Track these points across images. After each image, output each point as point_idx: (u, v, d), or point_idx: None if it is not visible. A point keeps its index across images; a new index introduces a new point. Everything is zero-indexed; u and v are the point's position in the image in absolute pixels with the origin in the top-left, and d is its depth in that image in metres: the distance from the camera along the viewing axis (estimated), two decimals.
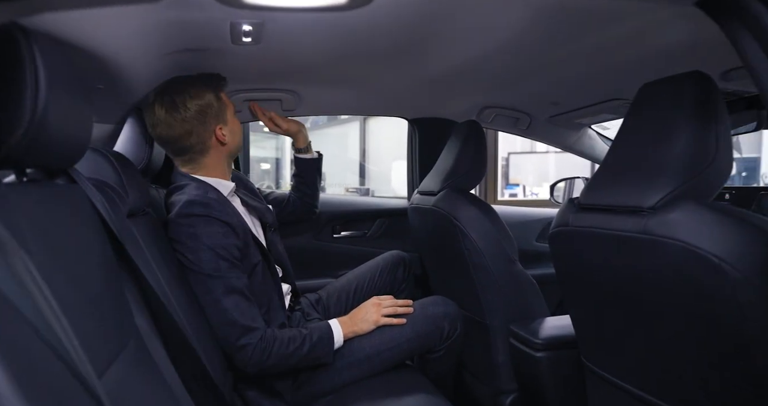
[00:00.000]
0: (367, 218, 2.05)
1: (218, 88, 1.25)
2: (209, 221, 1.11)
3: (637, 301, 0.88)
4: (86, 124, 0.74)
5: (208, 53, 1.19)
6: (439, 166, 1.64)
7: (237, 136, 1.31)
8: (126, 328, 0.78)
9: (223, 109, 1.25)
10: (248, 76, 1.42)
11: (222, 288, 1.10)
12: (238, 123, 1.32)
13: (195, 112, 1.19)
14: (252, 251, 1.21)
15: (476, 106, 1.88)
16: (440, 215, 1.50)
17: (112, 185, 0.91)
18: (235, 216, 1.18)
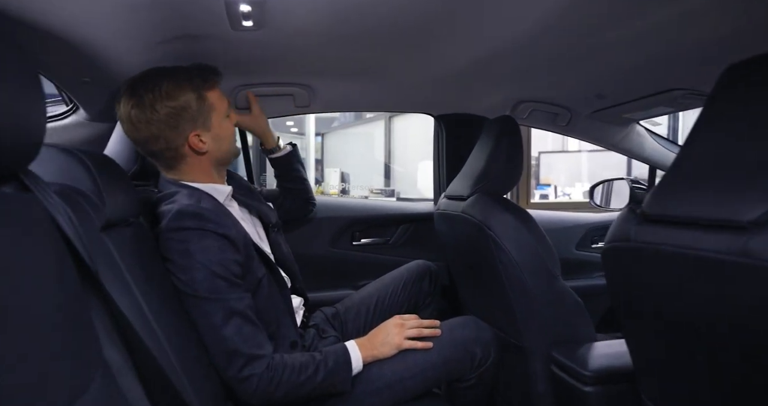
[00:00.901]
0: (389, 224, 1.90)
1: (205, 85, 1.06)
2: (203, 235, 0.96)
3: (723, 337, 0.69)
4: (37, 117, 0.61)
5: (205, 42, 1.06)
6: (469, 167, 1.47)
7: (225, 143, 1.12)
8: (91, 364, 0.64)
9: (205, 111, 1.06)
10: (254, 68, 1.28)
11: (221, 312, 0.96)
12: (229, 127, 1.13)
13: (164, 114, 1.01)
14: (255, 264, 1.07)
15: (510, 100, 1.70)
16: (470, 222, 1.32)
17: (84, 192, 0.78)
18: (233, 226, 1.03)
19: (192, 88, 1.04)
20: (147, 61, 1.05)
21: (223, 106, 1.10)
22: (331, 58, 1.27)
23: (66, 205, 0.71)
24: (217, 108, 1.09)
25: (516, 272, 1.23)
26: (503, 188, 1.39)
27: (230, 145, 1.15)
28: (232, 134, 1.15)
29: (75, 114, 1.29)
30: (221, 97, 1.11)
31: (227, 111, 1.12)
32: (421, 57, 1.29)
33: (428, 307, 1.46)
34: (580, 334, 1.23)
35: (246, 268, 1.04)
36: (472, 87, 1.59)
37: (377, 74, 1.43)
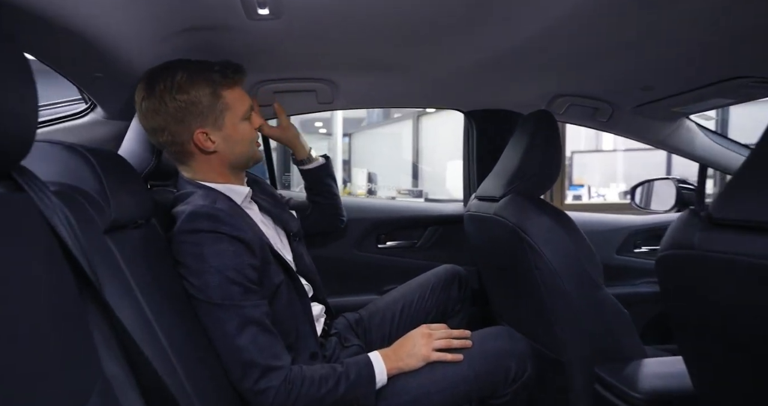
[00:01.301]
0: (417, 226, 1.81)
1: (223, 82, 0.99)
2: (217, 238, 0.91)
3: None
4: (28, 111, 0.55)
5: (220, 33, 1.00)
6: (502, 166, 1.37)
7: (238, 146, 1.04)
8: (88, 378, 0.59)
9: (218, 109, 0.99)
10: (274, 62, 1.22)
11: (235, 320, 0.90)
12: (246, 130, 1.05)
13: (172, 107, 0.96)
14: (273, 270, 1.01)
15: (546, 94, 1.59)
16: (504, 225, 1.23)
17: (87, 192, 0.73)
18: (249, 229, 0.97)
19: (207, 84, 0.98)
20: (158, 55, 1.00)
21: (242, 108, 1.03)
22: (355, 51, 1.20)
23: (65, 206, 0.66)
24: (234, 108, 1.02)
25: (554, 280, 1.13)
26: (539, 189, 1.28)
27: (245, 148, 1.06)
28: (249, 138, 1.06)
29: (93, 112, 1.26)
30: (242, 98, 1.04)
31: (246, 113, 1.04)
32: (451, 48, 1.20)
33: (457, 314, 1.37)
34: (626, 348, 1.12)
35: (263, 273, 0.98)
36: (505, 81, 1.49)
37: (404, 68, 1.35)
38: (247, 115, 1.05)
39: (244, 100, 1.05)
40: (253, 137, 1.08)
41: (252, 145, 1.08)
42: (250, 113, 1.06)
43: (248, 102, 1.06)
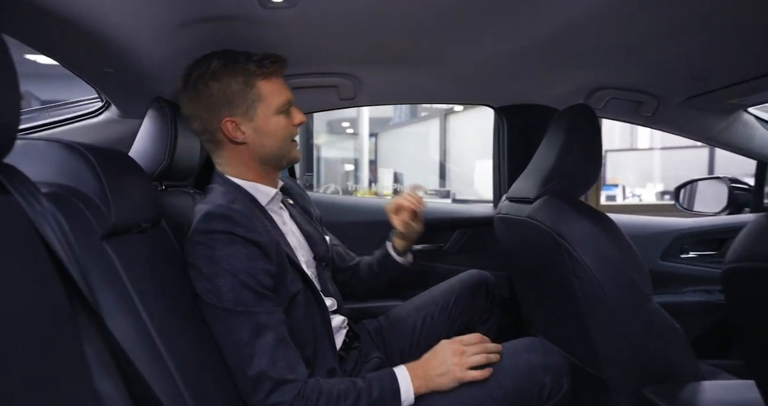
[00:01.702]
0: (444, 228, 1.72)
1: (258, 72, 0.94)
2: (231, 240, 0.86)
3: None
4: (9, 102, 0.50)
5: (233, 24, 0.94)
6: (536, 165, 1.26)
7: (270, 141, 0.98)
8: (78, 397, 0.54)
9: (250, 99, 0.95)
10: (292, 56, 1.15)
11: (248, 327, 0.84)
12: (280, 125, 0.98)
13: (204, 94, 0.94)
14: (290, 278, 0.94)
15: (583, 87, 1.47)
16: (538, 229, 1.13)
17: (85, 194, 0.68)
18: (265, 232, 0.91)
19: (241, 73, 0.94)
20: (169, 49, 0.95)
21: (277, 101, 0.97)
22: (378, 43, 1.12)
23: (58, 210, 0.60)
24: (267, 100, 0.96)
25: (595, 290, 1.02)
26: (577, 189, 1.18)
27: (277, 143, 0.99)
28: (283, 134, 0.99)
29: (108, 111, 1.23)
30: (279, 91, 0.98)
31: (282, 107, 0.98)
32: (480, 38, 1.11)
33: (484, 324, 1.27)
34: (680, 368, 1.00)
35: (278, 280, 0.91)
36: (539, 73, 1.39)
37: (431, 61, 1.26)
38: (283, 109, 0.98)
39: (281, 93, 0.98)
40: (288, 134, 1.01)
41: (285, 142, 1.01)
42: (287, 108, 0.99)
43: (286, 96, 0.99)
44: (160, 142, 1.04)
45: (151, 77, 1.03)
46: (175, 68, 0.99)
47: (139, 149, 1.04)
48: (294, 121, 1.01)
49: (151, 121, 1.04)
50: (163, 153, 1.04)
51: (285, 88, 1.00)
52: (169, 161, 1.04)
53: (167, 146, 1.04)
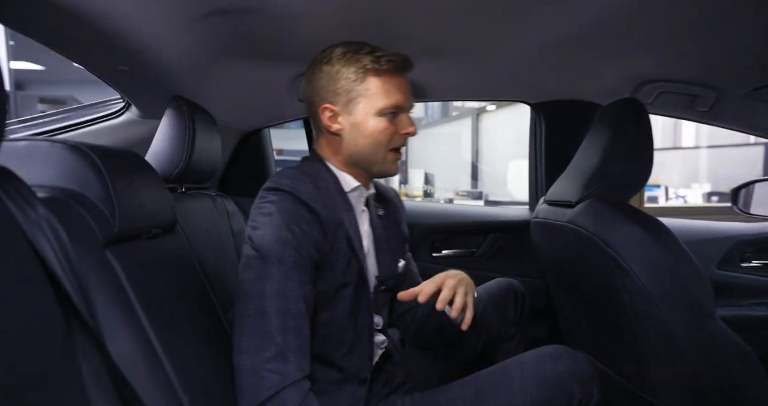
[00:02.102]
0: (476, 233, 1.63)
1: (372, 67, 0.87)
2: (295, 200, 0.83)
3: None
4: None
5: (251, 18, 0.89)
6: (578, 166, 1.16)
7: (363, 140, 0.90)
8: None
9: (354, 92, 0.88)
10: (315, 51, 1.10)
11: (275, 283, 0.79)
12: (379, 126, 0.89)
13: (316, 77, 0.91)
14: (345, 264, 0.87)
15: (630, 80, 1.36)
16: (581, 236, 1.03)
17: (87, 199, 0.63)
18: (332, 209, 0.86)
19: (355, 63, 0.88)
20: (183, 44, 0.90)
21: (385, 102, 0.88)
22: (399, 35, 1.05)
23: (55, 215, 0.56)
24: (372, 98, 0.88)
25: (648, 305, 0.91)
26: (624, 193, 1.07)
27: (369, 146, 0.90)
28: (378, 139, 0.90)
29: (128, 112, 1.20)
30: (389, 92, 0.89)
31: (386, 110, 0.89)
32: (515, 28, 1.03)
33: (511, 339, 1.15)
34: (752, 399, 0.88)
35: (328, 260, 0.86)
36: (581, 65, 1.28)
37: (458, 54, 1.18)
38: (388, 111, 0.89)
39: (391, 95, 0.89)
40: (386, 140, 0.91)
41: (380, 148, 0.91)
42: (393, 112, 0.90)
43: (396, 99, 0.89)
44: (178, 143, 0.99)
45: (167, 75, 1.00)
46: (191, 65, 0.95)
47: (156, 150, 1.00)
48: (399, 130, 0.92)
49: (169, 121, 1.00)
50: (180, 154, 1.00)
51: (398, 92, 0.90)
52: (186, 162, 1.00)
53: (185, 147, 1.00)
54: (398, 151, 0.94)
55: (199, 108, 1.05)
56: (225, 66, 1.11)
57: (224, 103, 1.23)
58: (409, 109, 0.93)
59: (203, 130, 1.04)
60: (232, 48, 1.03)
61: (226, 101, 1.23)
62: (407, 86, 0.92)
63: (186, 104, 1.01)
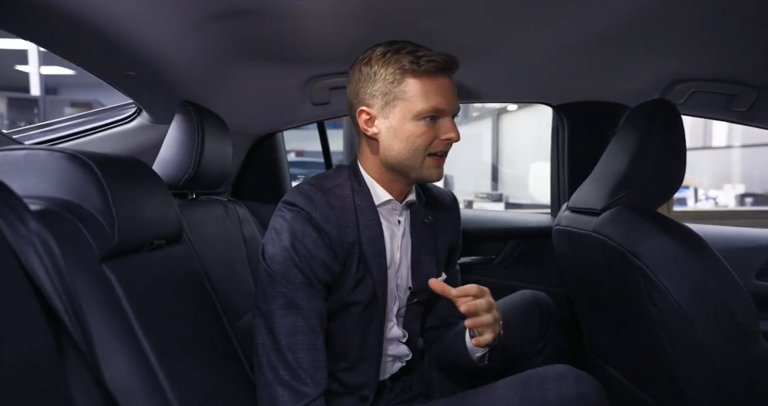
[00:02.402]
0: (495, 239, 1.57)
1: (411, 68, 0.83)
2: (306, 218, 0.82)
3: None
4: None
5: (258, 20, 0.86)
6: (603, 171, 1.10)
7: (399, 146, 0.86)
8: None
9: (392, 95, 0.84)
10: (327, 53, 1.07)
11: (282, 301, 0.80)
12: (416, 130, 0.84)
13: (356, 78, 0.87)
14: (350, 283, 0.85)
15: (660, 80, 1.28)
16: (607, 246, 0.96)
17: (85, 210, 0.61)
18: (344, 229, 0.84)
19: (393, 64, 0.83)
20: (189, 47, 0.88)
21: (419, 105, 0.84)
22: (422, 36, 1.00)
23: (47, 229, 0.53)
24: (411, 101, 0.84)
25: (681, 324, 0.85)
26: (654, 200, 1.00)
27: (408, 151, 0.86)
28: (415, 144, 0.85)
29: (140, 117, 1.19)
30: (428, 95, 0.84)
31: (424, 113, 0.84)
32: (538, 27, 0.98)
33: (536, 356, 1.08)
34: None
35: (338, 281, 0.85)
36: (607, 65, 1.22)
37: (478, 55, 1.13)
38: (426, 115, 0.84)
39: (430, 98, 0.84)
40: (424, 145, 0.86)
41: (418, 153, 0.86)
42: (432, 115, 0.85)
43: (435, 103, 0.84)
44: (187, 149, 0.97)
45: (176, 80, 0.97)
46: (198, 69, 0.92)
47: (164, 156, 0.98)
48: (440, 135, 0.86)
49: (177, 126, 0.98)
50: (189, 160, 0.97)
51: (439, 95, 0.85)
52: (195, 169, 0.98)
53: (194, 153, 0.97)
54: (440, 156, 0.88)
55: (209, 113, 1.03)
56: (236, 69, 1.08)
57: (236, 107, 1.21)
58: (452, 113, 0.87)
59: (213, 135, 1.02)
60: (244, 51, 1.00)
61: (238, 105, 1.21)
62: (451, 88, 0.86)
63: (195, 109, 0.98)
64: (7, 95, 7.72)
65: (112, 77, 0.96)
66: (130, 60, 0.87)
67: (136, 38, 0.80)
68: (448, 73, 0.86)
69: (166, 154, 0.98)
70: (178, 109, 0.98)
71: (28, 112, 7.20)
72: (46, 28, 0.77)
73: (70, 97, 8.45)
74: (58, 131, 1.20)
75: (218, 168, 1.08)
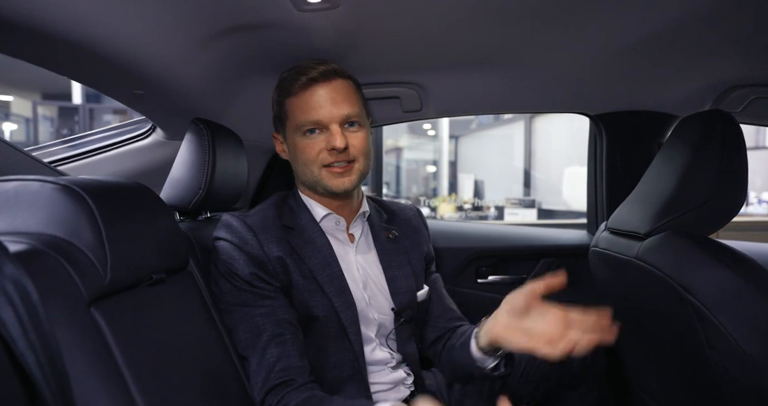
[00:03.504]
0: (527, 257, 1.47)
1: (290, 87, 0.86)
2: (230, 247, 0.85)
3: None
4: None
5: (267, 32, 0.81)
6: (649, 189, 0.99)
7: (297, 163, 0.90)
8: None
9: (282, 115, 0.90)
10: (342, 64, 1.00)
11: (243, 325, 0.82)
12: (303, 145, 0.86)
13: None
14: (309, 300, 0.85)
15: (714, 87, 1.16)
16: (654, 278, 0.86)
17: (75, 248, 0.56)
18: (266, 244, 0.84)
19: (278, 88, 0.90)
20: (197, 64, 0.83)
21: (298, 120, 0.85)
22: (446, 45, 0.94)
23: (27, 273, 0.49)
24: (290, 118, 0.88)
25: (746, 370, 0.74)
26: (709, 225, 0.89)
27: (304, 167, 0.88)
28: (307, 158, 0.86)
29: (155, 133, 1.16)
30: (306, 108, 0.85)
31: (303, 127, 0.85)
32: (577, 35, 0.89)
33: (575, 391, 0.97)
34: None
35: (289, 295, 0.86)
36: (652, 72, 1.11)
37: (510, 64, 1.06)
38: (304, 128, 0.85)
39: (305, 111, 0.84)
40: (313, 158, 0.86)
41: (311, 168, 0.87)
42: (310, 128, 0.85)
43: (308, 115, 0.84)
44: (197, 169, 0.93)
45: (186, 96, 0.93)
46: (209, 85, 0.88)
47: (174, 177, 0.94)
48: (327, 146, 0.85)
49: (188, 146, 0.93)
50: (200, 181, 0.93)
51: (313, 107, 0.84)
52: (205, 190, 0.93)
53: (204, 173, 0.93)
54: (335, 166, 0.87)
55: (222, 129, 0.99)
56: (249, 83, 1.04)
57: (251, 121, 1.16)
58: (336, 121, 0.85)
59: (226, 153, 0.97)
60: (254, 65, 0.96)
61: (253, 119, 1.16)
62: (327, 97, 0.85)
63: (206, 127, 0.94)
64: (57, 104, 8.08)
65: (121, 97, 0.93)
66: (137, 79, 0.83)
67: (141, 58, 0.77)
68: (323, 81, 0.85)
69: (176, 175, 0.94)
70: (189, 128, 0.93)
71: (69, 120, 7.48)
72: (53, 53, 0.74)
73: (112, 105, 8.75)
74: (77, 148, 1.19)
75: (232, 186, 1.03)
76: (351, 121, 0.86)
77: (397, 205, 1.07)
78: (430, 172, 6.88)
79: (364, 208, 0.96)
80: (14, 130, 8.38)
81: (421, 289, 0.98)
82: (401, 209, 1.05)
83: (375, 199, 1.06)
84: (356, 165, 0.87)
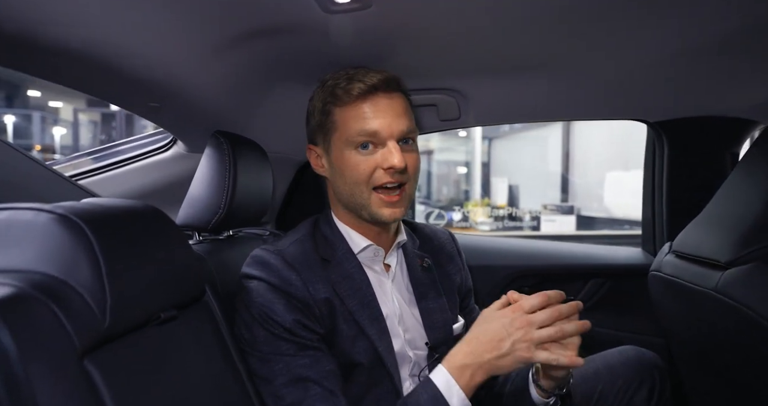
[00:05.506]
0: (574, 277, 1.35)
1: (334, 94, 0.76)
2: (266, 288, 0.74)
3: None
4: None
5: (294, 36, 0.74)
6: (726, 209, 0.86)
7: (341, 181, 0.78)
8: None
9: (326, 127, 0.79)
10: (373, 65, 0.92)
11: (285, 377, 0.72)
12: (354, 161, 0.76)
13: (307, 115, 0.83)
14: (341, 342, 0.76)
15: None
16: (740, 316, 0.74)
17: (70, 288, 0.49)
18: (311, 285, 0.75)
19: (323, 94, 0.79)
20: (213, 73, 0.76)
21: (351, 131, 0.75)
22: (486, 49, 0.86)
23: (5, 322, 0.42)
24: (340, 129, 0.77)
25: None
26: None
27: (348, 186, 0.77)
28: (355, 176, 0.76)
29: (176, 146, 1.10)
30: (361, 118, 0.75)
31: (355, 139, 0.75)
32: (639, 36, 0.79)
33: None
34: None
35: (330, 342, 0.76)
36: (724, 74, 0.98)
37: (558, 69, 0.96)
38: (357, 142, 0.75)
39: (359, 121, 0.75)
40: (362, 177, 0.76)
41: (359, 188, 0.76)
42: (363, 142, 0.75)
43: (363, 125, 0.75)
44: (217, 187, 0.85)
45: (204, 107, 0.87)
46: (228, 96, 0.81)
47: (193, 195, 0.87)
48: (382, 164, 0.74)
49: (207, 161, 0.86)
50: (219, 200, 0.85)
51: (369, 117, 0.75)
52: (226, 209, 0.85)
53: (225, 191, 0.85)
54: (388, 189, 0.77)
55: (244, 141, 0.91)
56: (274, 92, 0.97)
57: (275, 132, 1.09)
58: (395, 137, 0.75)
59: (249, 167, 0.90)
60: (282, 71, 0.88)
61: (278, 130, 1.09)
62: (387, 108, 0.75)
63: (227, 141, 0.87)
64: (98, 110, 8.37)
65: (138, 110, 0.87)
66: (151, 92, 0.77)
67: (154, 71, 0.71)
68: (383, 91, 0.75)
69: (195, 193, 0.87)
70: (209, 141, 0.86)
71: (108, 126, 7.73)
72: (66, 69, 0.69)
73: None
74: (101, 160, 1.15)
75: (257, 202, 0.96)
76: (407, 139, 0.77)
77: (430, 228, 0.97)
78: (461, 174, 6.74)
79: (402, 236, 0.85)
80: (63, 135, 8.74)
81: (457, 321, 0.88)
82: (435, 233, 0.96)
83: (407, 221, 0.96)
84: (407, 189, 0.78)
